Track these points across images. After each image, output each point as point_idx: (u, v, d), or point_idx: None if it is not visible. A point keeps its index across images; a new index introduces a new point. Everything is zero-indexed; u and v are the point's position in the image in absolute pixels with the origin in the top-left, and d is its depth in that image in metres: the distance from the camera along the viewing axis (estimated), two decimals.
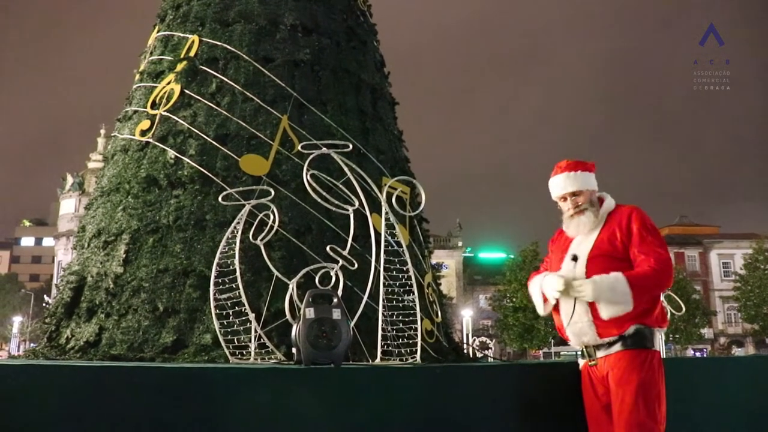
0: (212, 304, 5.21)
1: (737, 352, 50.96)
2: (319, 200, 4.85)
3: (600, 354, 3.04)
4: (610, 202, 3.28)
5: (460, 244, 54.47)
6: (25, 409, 2.65)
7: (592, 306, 3.00)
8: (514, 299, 40.20)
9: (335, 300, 3.09)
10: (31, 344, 37.52)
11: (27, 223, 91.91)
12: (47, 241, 77.03)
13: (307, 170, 4.58)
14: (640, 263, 3.03)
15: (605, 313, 2.97)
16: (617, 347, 2.99)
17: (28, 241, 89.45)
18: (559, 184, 3.31)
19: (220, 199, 5.97)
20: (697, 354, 46.52)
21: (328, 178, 5.06)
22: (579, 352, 3.22)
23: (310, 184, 4.55)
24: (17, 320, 51.10)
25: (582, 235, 3.22)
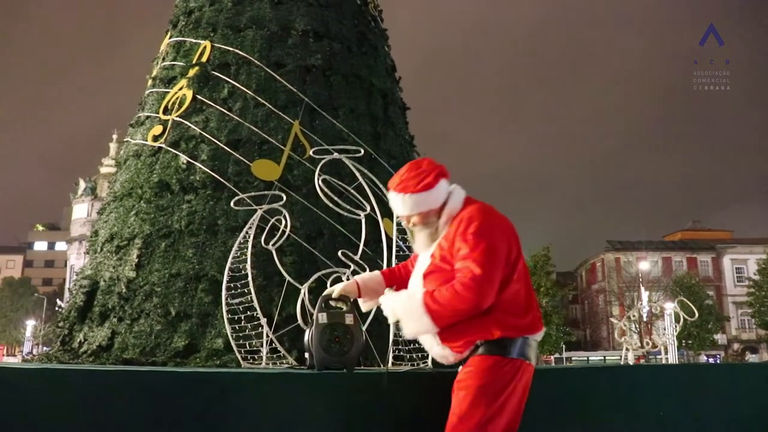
0: (224, 308, 5.23)
1: (751, 358, 50.52)
2: (330, 205, 4.86)
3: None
4: (454, 204, 2.72)
5: None
6: (38, 412, 2.66)
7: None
8: None
9: (348, 305, 3.09)
10: (44, 348, 37.76)
11: (40, 228, 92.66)
12: (60, 246, 77.68)
13: (319, 175, 4.60)
14: (455, 280, 2.57)
15: (406, 331, 2.62)
16: (478, 352, 2.61)
17: (41, 246, 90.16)
18: (392, 203, 2.81)
19: (232, 204, 6.00)
20: (710, 360, 46.17)
21: (340, 183, 5.07)
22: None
23: (321, 189, 4.56)
24: (30, 324, 51.46)
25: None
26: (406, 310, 2.60)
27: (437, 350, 2.67)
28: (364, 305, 3.12)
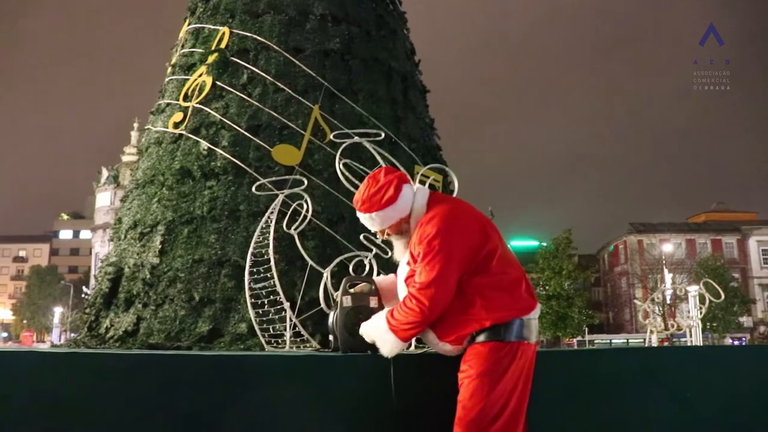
0: (247, 293, 5.24)
1: None
2: (351, 189, 4.83)
3: None
4: (419, 208, 2.78)
5: None
6: (68, 395, 2.70)
7: (432, 328, 2.69)
8: (547, 287, 39.91)
9: (371, 288, 3.09)
10: (72, 334, 38.42)
11: (65, 217, 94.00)
12: (84, 234, 78.81)
13: (340, 159, 4.57)
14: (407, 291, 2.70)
15: (382, 350, 2.74)
16: (476, 341, 2.65)
17: (66, 234, 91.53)
18: (361, 221, 2.90)
19: (253, 189, 6.00)
20: (735, 343, 45.71)
21: (361, 166, 5.04)
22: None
23: (342, 173, 4.54)
24: (58, 311, 52.42)
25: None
26: (378, 331, 2.74)
27: (440, 347, 2.74)
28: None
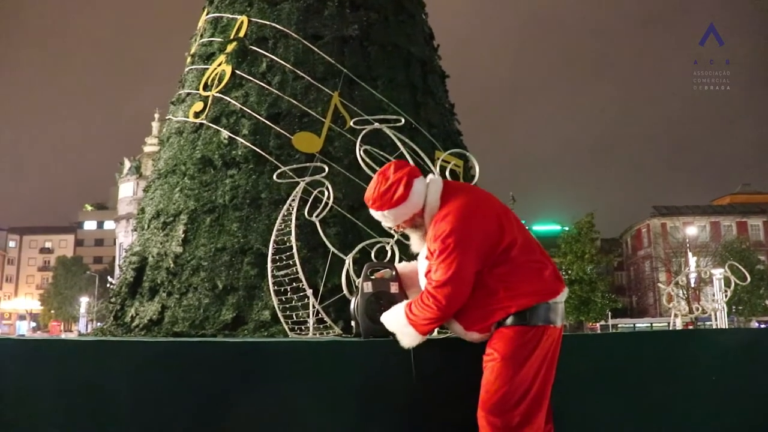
0: (270, 281, 5.26)
1: None
2: (372, 175, 4.82)
3: None
4: (432, 202, 2.75)
5: None
6: (96, 382, 2.75)
7: (457, 319, 2.70)
8: (569, 271, 39.63)
9: (393, 274, 3.10)
10: (98, 323, 39.02)
11: (89, 208, 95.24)
12: (108, 224, 79.78)
13: (360, 146, 4.56)
14: (425, 288, 2.71)
15: (401, 342, 2.75)
16: (502, 325, 2.65)
17: (90, 225, 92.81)
18: (375, 217, 2.93)
19: (274, 177, 6.01)
20: (762, 326, 45.13)
21: (381, 153, 5.03)
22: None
23: (363, 160, 4.53)
24: (84, 300, 53.27)
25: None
26: (397, 323, 2.74)
27: (467, 336, 2.74)
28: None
